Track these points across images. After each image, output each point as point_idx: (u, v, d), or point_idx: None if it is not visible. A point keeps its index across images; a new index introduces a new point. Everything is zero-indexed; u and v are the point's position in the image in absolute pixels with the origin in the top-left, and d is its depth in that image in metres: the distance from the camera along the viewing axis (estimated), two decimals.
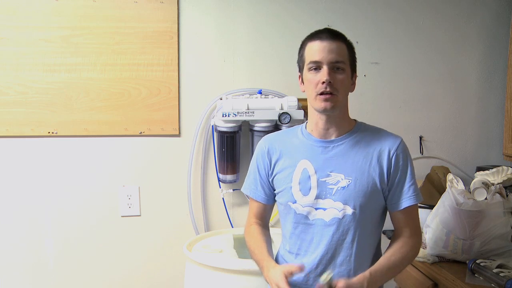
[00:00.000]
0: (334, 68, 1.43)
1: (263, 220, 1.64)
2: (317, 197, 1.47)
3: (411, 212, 1.51)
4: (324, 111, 1.44)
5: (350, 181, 1.45)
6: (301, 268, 1.37)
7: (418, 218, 1.54)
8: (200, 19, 2.25)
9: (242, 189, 1.65)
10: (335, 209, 1.45)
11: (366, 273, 1.40)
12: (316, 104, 1.45)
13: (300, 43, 1.51)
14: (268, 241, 1.57)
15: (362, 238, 1.47)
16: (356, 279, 1.37)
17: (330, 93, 1.42)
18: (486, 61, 2.46)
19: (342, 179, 1.46)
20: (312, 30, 1.49)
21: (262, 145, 1.60)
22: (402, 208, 1.48)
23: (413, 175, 1.50)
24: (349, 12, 2.33)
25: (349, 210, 1.44)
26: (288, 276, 1.36)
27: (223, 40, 2.28)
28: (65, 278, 2.24)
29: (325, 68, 1.42)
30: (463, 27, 2.43)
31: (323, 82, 1.41)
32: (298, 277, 1.47)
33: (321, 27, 1.49)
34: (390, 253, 1.48)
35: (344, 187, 1.45)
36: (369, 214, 1.47)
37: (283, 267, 1.39)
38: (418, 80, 2.43)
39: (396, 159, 1.47)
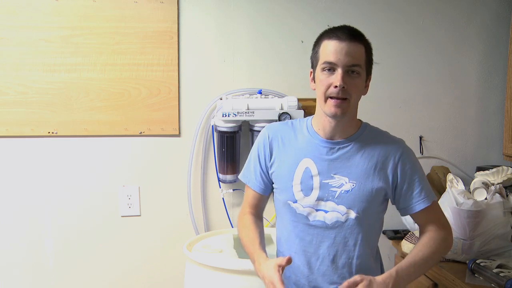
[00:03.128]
0: (349, 71, 1.37)
1: (258, 210, 1.61)
2: (319, 198, 1.45)
3: (429, 210, 1.47)
4: (333, 116, 1.40)
5: (354, 185, 1.43)
6: (289, 261, 1.32)
7: (441, 211, 1.51)
8: (200, 19, 2.25)
9: (239, 176, 1.62)
10: (337, 212, 1.44)
11: (393, 271, 1.37)
12: (326, 108, 1.40)
13: (300, 43, 1.50)
14: (262, 233, 1.54)
15: (364, 241, 1.45)
16: (381, 278, 1.34)
17: (342, 98, 1.37)
18: (486, 61, 2.46)
19: (346, 183, 1.44)
20: (312, 30, 1.47)
21: (265, 133, 1.55)
22: (415, 212, 1.47)
23: (422, 177, 1.47)
24: (349, 12, 2.33)
25: (353, 215, 1.43)
26: (280, 271, 1.31)
27: (223, 40, 2.28)
28: (65, 278, 2.24)
29: (339, 72, 1.36)
30: (463, 27, 2.43)
31: (336, 86, 1.36)
32: (301, 277, 1.47)
33: (321, 27, 1.47)
34: (417, 249, 1.45)
35: (347, 191, 1.43)
36: (371, 218, 1.46)
37: (275, 262, 1.32)
38: (418, 80, 2.42)
39: (402, 165, 1.45)
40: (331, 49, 1.37)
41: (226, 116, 2.15)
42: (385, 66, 2.39)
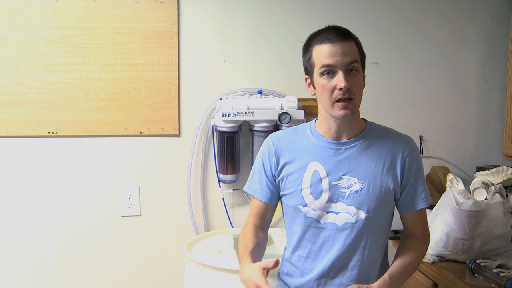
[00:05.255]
0: (347, 70, 1.37)
1: (263, 221, 1.58)
2: (329, 200, 1.44)
3: (422, 213, 1.50)
4: (344, 118, 1.40)
5: (363, 185, 1.42)
6: (276, 263, 1.29)
7: (427, 218, 1.54)
8: (200, 19, 2.25)
9: (245, 188, 1.61)
10: (348, 213, 1.43)
11: (386, 277, 1.39)
12: (334, 112, 1.40)
13: (300, 43, 1.49)
14: (259, 243, 1.49)
15: (373, 242, 1.45)
16: (376, 285, 1.36)
17: (348, 99, 1.37)
18: (486, 61, 2.46)
19: (355, 183, 1.43)
20: (312, 30, 1.46)
21: (269, 143, 1.54)
22: (413, 210, 1.48)
23: (424, 178, 1.49)
24: (349, 12, 2.33)
25: (362, 215, 1.42)
26: (265, 274, 1.28)
27: (223, 40, 2.28)
28: (65, 278, 2.24)
29: (340, 74, 1.36)
30: (463, 27, 2.43)
31: (340, 89, 1.35)
32: (309, 280, 1.47)
33: (321, 27, 1.47)
34: (405, 255, 1.46)
35: (357, 191, 1.42)
36: (381, 218, 1.46)
37: (259, 265, 1.30)
38: (418, 80, 2.42)
39: (410, 161, 1.46)
40: (326, 53, 1.37)
41: (226, 116, 2.15)
42: (385, 66, 2.39)
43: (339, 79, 1.36)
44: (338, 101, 1.38)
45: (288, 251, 1.55)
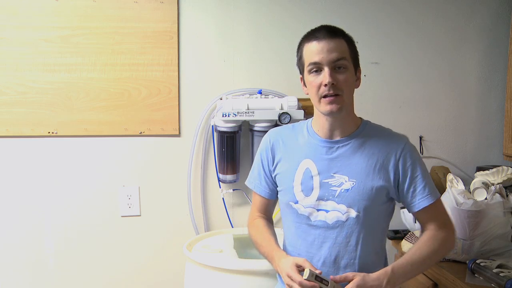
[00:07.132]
0: (335, 67, 1.38)
1: (267, 214, 1.62)
2: (319, 198, 1.45)
3: (432, 208, 1.46)
4: (330, 113, 1.41)
5: (354, 183, 1.42)
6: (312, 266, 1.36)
7: (444, 210, 1.50)
8: (200, 19, 2.25)
9: (246, 182, 1.64)
10: (338, 212, 1.43)
11: (388, 269, 1.37)
12: (321, 107, 1.41)
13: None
14: (274, 233, 1.56)
15: (366, 240, 1.44)
16: (375, 275, 1.35)
17: (335, 95, 1.38)
18: (486, 61, 2.46)
19: (345, 181, 1.43)
20: None
21: (267, 139, 1.57)
22: (419, 209, 1.45)
23: (425, 174, 1.47)
24: (349, 12, 2.33)
25: (353, 213, 1.42)
26: (298, 268, 1.36)
27: (223, 40, 2.28)
28: (65, 278, 2.24)
29: (326, 70, 1.37)
30: (463, 27, 2.43)
31: (326, 85, 1.37)
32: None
33: None
34: (415, 248, 1.44)
35: (347, 190, 1.42)
36: (373, 217, 1.45)
37: (294, 259, 1.38)
38: (418, 80, 2.42)
39: (403, 161, 1.44)
40: (313, 50, 1.39)
41: (226, 116, 2.15)
42: (385, 66, 2.39)
43: (325, 76, 1.37)
44: (324, 97, 1.39)
45: (284, 247, 1.57)
